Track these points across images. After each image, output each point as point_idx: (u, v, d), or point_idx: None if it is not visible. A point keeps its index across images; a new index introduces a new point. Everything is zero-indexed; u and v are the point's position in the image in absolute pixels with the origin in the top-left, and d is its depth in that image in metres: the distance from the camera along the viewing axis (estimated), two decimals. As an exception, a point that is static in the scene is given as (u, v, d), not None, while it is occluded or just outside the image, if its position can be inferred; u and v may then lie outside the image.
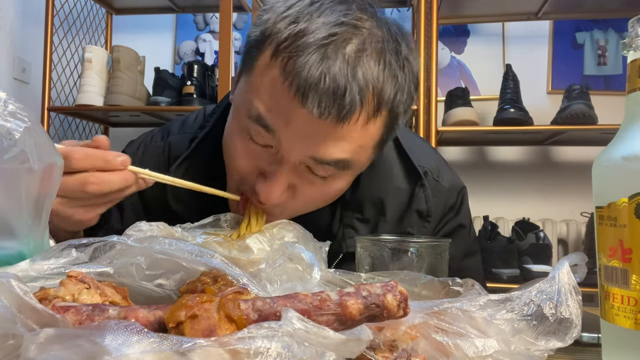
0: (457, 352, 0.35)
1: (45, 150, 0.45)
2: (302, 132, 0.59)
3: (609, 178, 0.45)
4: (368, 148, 0.65)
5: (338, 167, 0.63)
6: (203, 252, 0.42)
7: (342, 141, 0.60)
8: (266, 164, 0.64)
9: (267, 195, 0.63)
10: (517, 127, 1.98)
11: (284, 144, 0.61)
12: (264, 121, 0.61)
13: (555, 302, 0.40)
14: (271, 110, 0.60)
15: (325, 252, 0.60)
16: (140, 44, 2.30)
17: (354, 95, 0.57)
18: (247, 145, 0.65)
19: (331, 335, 0.28)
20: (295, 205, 0.68)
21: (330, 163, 0.62)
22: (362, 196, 0.78)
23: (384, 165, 0.78)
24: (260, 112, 0.61)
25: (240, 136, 0.65)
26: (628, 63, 0.46)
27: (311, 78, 0.56)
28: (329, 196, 0.69)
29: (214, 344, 0.26)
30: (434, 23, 1.91)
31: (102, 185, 0.59)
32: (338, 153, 0.61)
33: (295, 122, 0.59)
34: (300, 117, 0.59)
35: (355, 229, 0.78)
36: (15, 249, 0.46)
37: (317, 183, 0.65)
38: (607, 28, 2.40)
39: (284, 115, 0.60)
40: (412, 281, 0.49)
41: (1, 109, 0.41)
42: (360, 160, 0.65)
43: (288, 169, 0.63)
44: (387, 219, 0.78)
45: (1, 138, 0.41)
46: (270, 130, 0.61)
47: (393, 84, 0.61)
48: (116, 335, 0.25)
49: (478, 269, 0.91)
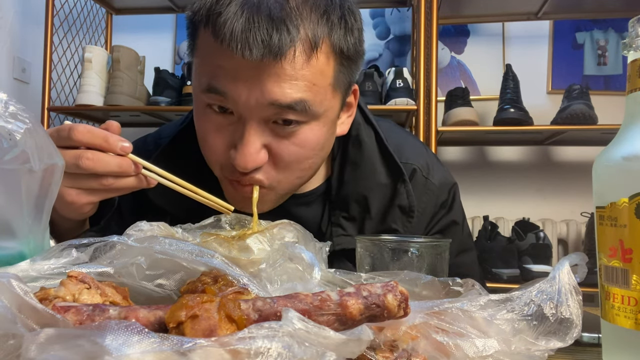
0: (458, 352, 0.35)
1: (46, 151, 0.45)
2: (248, 80, 0.61)
3: (609, 178, 0.45)
4: (324, 87, 0.65)
5: (299, 110, 0.63)
6: (203, 252, 0.42)
7: (291, 80, 0.62)
8: (233, 134, 0.66)
9: (243, 158, 0.64)
10: (517, 127, 1.98)
11: (239, 100, 0.62)
12: (214, 87, 0.63)
13: (556, 302, 0.40)
14: (216, 75, 0.63)
15: (325, 252, 0.60)
16: (140, 44, 2.30)
17: (281, 30, 0.59)
18: (211, 120, 0.67)
19: (332, 336, 0.28)
20: (281, 170, 0.68)
21: (289, 106, 0.62)
22: (347, 194, 0.79)
23: (367, 164, 0.80)
24: (208, 81, 0.64)
25: (203, 114, 0.67)
26: (628, 63, 0.46)
27: (237, 25, 0.59)
28: (309, 152, 0.69)
29: (215, 344, 0.26)
30: (434, 23, 1.91)
31: (96, 162, 0.58)
32: (291, 93, 0.62)
33: (238, 73, 0.61)
34: (240, 66, 0.61)
35: (342, 227, 0.79)
36: (15, 249, 0.46)
37: (289, 138, 0.66)
38: (607, 28, 2.40)
39: (227, 72, 0.62)
40: (412, 281, 0.49)
41: (2, 110, 0.41)
42: (321, 103, 0.65)
43: (254, 128, 0.64)
44: (371, 215, 0.79)
45: (2, 139, 0.41)
46: (222, 92, 0.63)
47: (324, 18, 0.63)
48: (117, 335, 0.25)
49: (473, 264, 0.92)
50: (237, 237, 0.63)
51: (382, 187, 0.80)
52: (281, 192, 0.72)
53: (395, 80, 2.00)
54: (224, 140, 0.67)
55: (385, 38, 2.51)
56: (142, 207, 0.80)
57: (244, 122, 0.64)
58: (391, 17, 2.51)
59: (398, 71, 2.02)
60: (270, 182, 0.69)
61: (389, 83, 2.03)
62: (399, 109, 1.97)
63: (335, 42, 0.64)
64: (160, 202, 0.78)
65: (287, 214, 0.78)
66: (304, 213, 0.80)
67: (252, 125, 0.64)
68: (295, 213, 0.80)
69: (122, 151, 0.59)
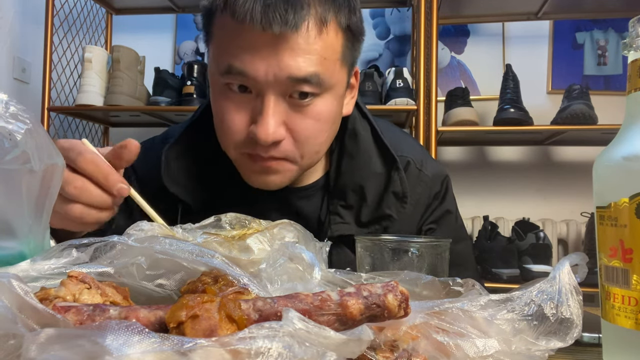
0: (458, 352, 0.35)
1: (46, 151, 0.45)
2: (266, 56, 0.66)
3: (609, 178, 0.45)
4: (333, 61, 0.71)
5: (314, 83, 0.69)
6: (203, 252, 0.42)
7: (305, 54, 0.67)
8: (253, 111, 0.70)
9: (264, 131, 0.68)
10: (517, 127, 1.98)
11: (258, 75, 0.67)
12: (233, 66, 0.68)
13: (556, 302, 0.40)
14: (235, 54, 0.68)
15: (325, 252, 0.60)
16: (140, 44, 2.30)
17: (296, 7, 0.65)
18: (230, 99, 0.71)
19: (332, 336, 0.28)
20: (300, 145, 0.72)
21: (305, 79, 0.68)
22: (344, 184, 0.83)
23: (363, 155, 0.84)
24: (228, 61, 0.68)
25: (221, 96, 0.72)
26: (628, 63, 0.46)
27: (257, 5, 0.64)
28: (324, 125, 0.74)
29: (215, 344, 0.26)
30: (434, 23, 1.91)
31: (82, 192, 0.58)
32: (306, 66, 0.67)
33: (256, 50, 0.67)
34: (258, 43, 0.66)
35: (340, 215, 0.83)
36: (15, 249, 0.46)
37: (305, 113, 0.71)
38: (607, 28, 2.40)
39: (246, 50, 0.67)
40: (412, 281, 0.49)
41: (3, 110, 0.41)
42: (332, 76, 0.71)
43: (273, 102, 0.69)
44: (367, 203, 0.83)
45: (3, 139, 0.41)
46: (241, 70, 0.68)
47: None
48: (117, 335, 0.25)
49: (469, 254, 0.95)
50: (237, 237, 0.63)
51: (377, 176, 0.83)
52: (303, 166, 0.76)
53: (395, 80, 2.00)
54: (244, 118, 0.71)
55: (385, 38, 2.51)
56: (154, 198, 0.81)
57: (262, 97, 0.69)
58: (391, 17, 2.51)
59: (398, 71, 2.02)
60: (292, 156, 0.73)
61: (389, 83, 2.03)
62: (399, 109, 1.97)
63: (342, 19, 0.70)
64: (175, 190, 0.81)
65: (290, 207, 0.84)
66: (305, 205, 0.85)
67: (271, 99, 0.68)
68: (297, 206, 0.85)
69: (119, 194, 0.60)
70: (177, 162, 0.83)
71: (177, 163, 0.83)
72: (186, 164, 0.83)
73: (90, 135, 2.48)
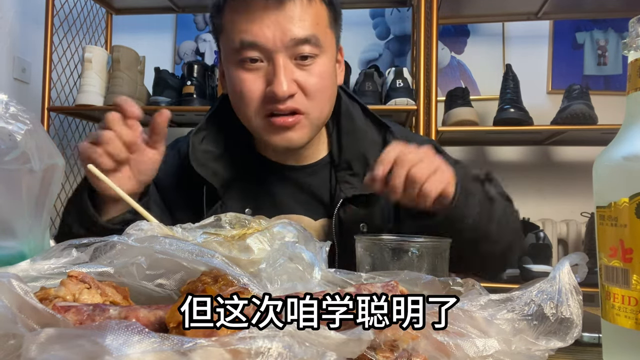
0: (458, 352, 0.35)
1: (46, 152, 0.45)
2: (271, 25, 0.81)
3: (609, 178, 0.45)
4: (324, 27, 0.86)
5: (313, 43, 0.83)
6: (203, 252, 0.42)
7: (301, 20, 0.82)
8: (268, 76, 0.83)
9: (280, 86, 0.81)
10: (517, 127, 1.98)
11: (267, 42, 0.81)
12: (245, 40, 0.82)
13: (556, 302, 0.40)
14: (245, 30, 0.82)
15: (325, 252, 0.60)
16: (140, 44, 2.30)
17: None
18: (246, 71, 0.84)
19: (332, 335, 0.28)
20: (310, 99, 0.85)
21: (306, 39, 0.82)
22: (348, 156, 0.94)
23: (359, 130, 0.96)
24: (240, 38, 0.82)
25: (239, 72, 0.85)
26: (629, 63, 0.46)
27: None
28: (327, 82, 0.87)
29: (215, 344, 0.26)
30: (434, 23, 1.91)
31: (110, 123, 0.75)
32: (304, 29, 0.82)
33: (263, 22, 0.81)
34: (263, 16, 0.81)
35: (349, 182, 0.92)
36: (15, 248, 0.46)
37: (310, 71, 0.84)
38: (607, 28, 2.40)
39: (253, 22, 0.81)
40: (412, 281, 0.49)
41: (3, 111, 0.41)
42: (325, 39, 0.85)
43: (283, 63, 0.82)
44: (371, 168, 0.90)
45: (3, 140, 0.41)
46: (252, 42, 0.82)
47: None
48: (117, 335, 0.25)
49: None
50: (237, 237, 0.63)
51: (375, 143, 0.94)
52: (314, 120, 0.87)
53: (395, 80, 2.00)
54: (260, 83, 0.84)
55: (385, 38, 2.51)
56: (180, 183, 0.95)
57: (274, 62, 0.82)
58: (391, 17, 2.50)
59: (398, 71, 2.01)
60: (305, 108, 0.85)
61: (389, 83, 2.03)
62: (399, 109, 1.96)
63: None
64: (201, 171, 0.91)
65: (301, 184, 0.96)
66: (313, 181, 0.96)
67: (281, 61, 0.82)
68: (306, 182, 0.96)
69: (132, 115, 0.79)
70: (202, 145, 0.93)
71: (201, 147, 0.93)
72: (210, 148, 0.94)
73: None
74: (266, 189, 0.96)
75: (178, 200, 0.95)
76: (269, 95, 0.83)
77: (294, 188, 0.96)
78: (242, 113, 0.88)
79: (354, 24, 2.49)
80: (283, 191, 0.95)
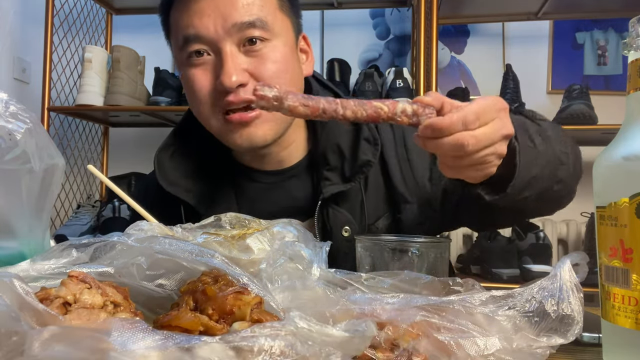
0: (459, 351, 0.35)
1: (46, 151, 0.45)
2: (211, 14, 0.76)
3: (609, 178, 0.45)
4: (272, 8, 0.80)
5: (259, 26, 0.77)
6: (203, 252, 0.42)
7: (244, 4, 0.77)
8: (216, 68, 0.78)
9: (227, 75, 0.75)
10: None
11: (208, 32, 0.76)
12: (187, 34, 0.78)
13: (557, 299, 0.40)
14: (186, 25, 0.78)
15: (325, 252, 0.60)
16: (140, 44, 2.30)
17: None
18: (194, 67, 0.79)
19: (334, 333, 0.28)
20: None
21: (250, 23, 0.76)
22: (324, 149, 0.88)
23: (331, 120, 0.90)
24: (183, 34, 0.78)
25: (187, 69, 0.80)
26: (629, 63, 0.46)
27: None
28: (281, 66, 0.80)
29: (219, 341, 0.26)
30: (434, 23, 1.91)
31: None
32: (247, 13, 0.77)
33: (202, 12, 0.76)
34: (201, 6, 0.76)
35: (327, 178, 0.86)
36: (15, 249, 0.46)
37: (261, 57, 0.78)
38: (607, 28, 2.40)
39: (193, 15, 0.77)
40: (412, 281, 0.49)
41: (2, 110, 0.41)
42: (274, 22, 0.79)
43: (229, 51, 0.77)
44: (346, 157, 0.87)
45: (3, 138, 0.41)
46: (194, 35, 0.77)
47: None
48: (122, 332, 0.25)
49: None
50: (237, 237, 0.63)
51: (348, 132, 0.88)
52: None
53: (395, 80, 2.00)
54: (209, 77, 0.78)
55: (385, 38, 2.51)
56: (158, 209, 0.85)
57: (219, 52, 0.77)
58: (391, 17, 2.50)
59: (398, 71, 2.01)
60: None
61: (389, 83, 2.03)
62: (399, 109, 1.96)
63: None
64: (172, 190, 0.86)
65: (280, 189, 0.90)
66: (294, 184, 0.90)
67: (227, 50, 0.76)
68: (288, 187, 0.90)
69: None
70: (171, 162, 0.88)
71: (170, 164, 0.88)
72: (179, 164, 0.89)
73: (90, 135, 2.48)
74: (246, 197, 0.91)
75: None
76: (219, 89, 0.77)
77: (274, 193, 0.90)
78: (199, 114, 0.83)
79: (354, 24, 2.49)
80: (263, 198, 0.90)
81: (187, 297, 0.38)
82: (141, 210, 0.64)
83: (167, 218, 0.69)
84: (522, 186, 0.65)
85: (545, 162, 0.67)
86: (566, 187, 0.74)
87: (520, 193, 0.65)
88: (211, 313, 0.35)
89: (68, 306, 0.33)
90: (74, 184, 2.39)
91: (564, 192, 0.76)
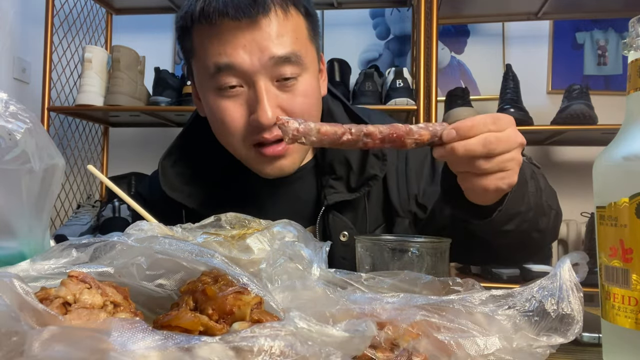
0: (459, 350, 0.35)
1: (46, 151, 0.45)
2: (247, 44, 0.74)
3: (609, 178, 0.45)
4: (304, 41, 0.80)
5: (294, 62, 0.77)
6: (203, 252, 0.42)
7: (280, 36, 0.75)
8: (249, 102, 0.77)
9: (264, 114, 0.75)
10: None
11: (244, 64, 0.75)
12: (220, 64, 0.75)
13: (557, 298, 0.40)
14: (219, 53, 0.75)
15: (325, 252, 0.60)
16: (140, 44, 2.30)
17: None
18: (226, 99, 0.78)
19: (334, 334, 0.28)
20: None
21: (286, 57, 0.76)
22: (331, 159, 0.90)
23: None
24: (214, 62, 0.76)
25: (218, 100, 0.78)
26: (629, 63, 0.46)
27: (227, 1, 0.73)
28: (312, 100, 0.81)
29: (219, 341, 0.26)
30: (434, 23, 1.91)
31: None
32: (283, 46, 0.75)
33: (237, 42, 0.74)
34: (237, 36, 0.74)
35: (333, 187, 0.88)
36: (15, 249, 0.46)
37: (294, 92, 0.78)
38: (607, 28, 2.39)
39: (226, 44, 0.74)
40: (412, 281, 0.49)
41: (2, 110, 0.41)
42: (306, 55, 0.79)
43: (265, 87, 0.76)
44: (353, 170, 0.88)
45: (2, 138, 0.41)
46: (228, 65, 0.75)
47: None
48: (122, 332, 0.25)
49: None
50: (237, 237, 0.63)
51: None
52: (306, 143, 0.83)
53: (395, 80, 2.00)
54: (242, 111, 0.78)
55: (385, 38, 2.51)
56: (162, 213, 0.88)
57: (254, 86, 0.76)
58: (391, 17, 2.50)
59: (398, 71, 2.01)
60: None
61: (389, 83, 2.03)
62: (399, 109, 1.96)
63: (299, 4, 0.79)
64: (174, 195, 0.88)
65: (287, 190, 0.91)
66: (300, 186, 0.91)
67: (262, 85, 0.75)
68: (293, 188, 0.91)
69: None
70: (174, 169, 0.90)
71: (173, 170, 0.90)
72: (182, 170, 0.90)
73: (90, 135, 2.48)
74: (248, 199, 0.92)
75: None
76: (254, 125, 0.77)
77: (278, 196, 0.91)
78: (227, 144, 0.83)
79: (354, 24, 2.49)
80: (267, 200, 0.91)
81: (187, 297, 0.38)
82: (141, 210, 0.64)
83: (168, 217, 0.71)
84: (507, 217, 0.68)
85: (533, 204, 0.71)
86: (542, 240, 0.80)
87: (503, 224, 0.69)
88: (211, 313, 0.35)
89: (68, 306, 0.33)
90: (74, 184, 2.39)
91: (538, 244, 0.81)
